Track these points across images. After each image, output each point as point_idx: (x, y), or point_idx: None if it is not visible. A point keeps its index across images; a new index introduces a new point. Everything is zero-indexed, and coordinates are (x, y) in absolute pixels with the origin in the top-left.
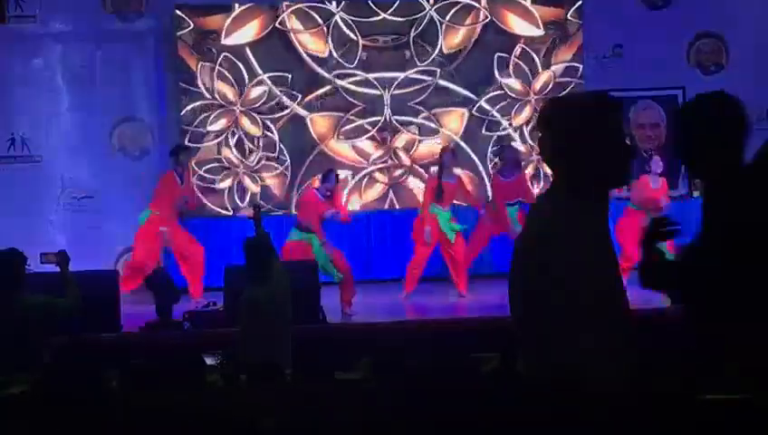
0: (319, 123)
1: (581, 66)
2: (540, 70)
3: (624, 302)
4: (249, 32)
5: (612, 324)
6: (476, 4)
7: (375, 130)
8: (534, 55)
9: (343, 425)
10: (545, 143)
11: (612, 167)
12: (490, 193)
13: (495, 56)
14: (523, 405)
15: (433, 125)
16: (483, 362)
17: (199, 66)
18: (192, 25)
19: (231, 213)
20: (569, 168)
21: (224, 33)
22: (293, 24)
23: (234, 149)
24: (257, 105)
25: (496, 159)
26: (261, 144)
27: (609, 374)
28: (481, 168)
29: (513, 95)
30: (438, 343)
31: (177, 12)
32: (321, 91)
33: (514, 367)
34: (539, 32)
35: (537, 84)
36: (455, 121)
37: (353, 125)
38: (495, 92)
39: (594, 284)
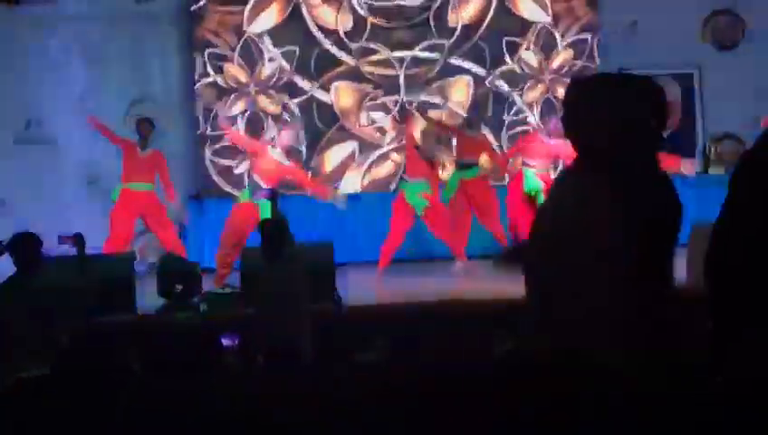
0: (344, 95)
1: (596, 43)
2: (557, 47)
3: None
4: (268, 16)
5: (632, 309)
6: None
7: (396, 109)
8: (554, 32)
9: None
10: (570, 122)
11: (637, 147)
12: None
13: (508, 38)
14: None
15: (438, 100)
16: (496, 342)
17: (215, 47)
18: (208, 6)
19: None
20: (592, 146)
21: (245, 19)
22: (310, 2)
23: (249, 130)
24: (271, 84)
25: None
26: (277, 125)
27: (624, 363)
28: (492, 139)
29: (529, 72)
30: (453, 325)
31: None
32: (337, 70)
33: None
34: (549, 17)
35: (554, 63)
36: (460, 92)
37: (378, 101)
38: (509, 68)
39: (616, 266)
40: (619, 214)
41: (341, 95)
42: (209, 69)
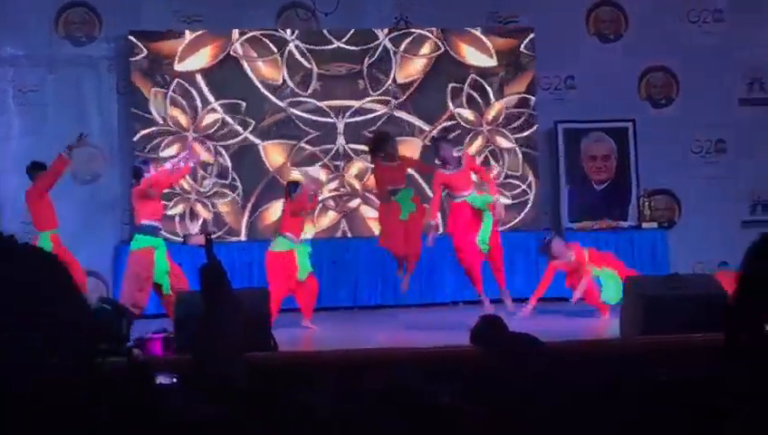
0: (271, 151)
1: (534, 97)
2: (492, 100)
3: None
4: (202, 59)
5: None
6: (430, 36)
7: (327, 158)
8: (487, 86)
9: None
10: None
11: None
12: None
13: (449, 87)
14: None
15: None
16: (433, 395)
17: (152, 92)
18: (145, 51)
19: (182, 240)
20: None
21: (176, 59)
22: (247, 51)
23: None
24: (210, 132)
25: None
26: (213, 171)
27: None
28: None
29: (466, 125)
30: (390, 373)
31: (131, 37)
32: (273, 118)
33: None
34: (492, 62)
35: (489, 115)
36: (408, 151)
37: (306, 153)
38: (448, 123)
39: None
40: None
41: (269, 152)
42: (149, 112)
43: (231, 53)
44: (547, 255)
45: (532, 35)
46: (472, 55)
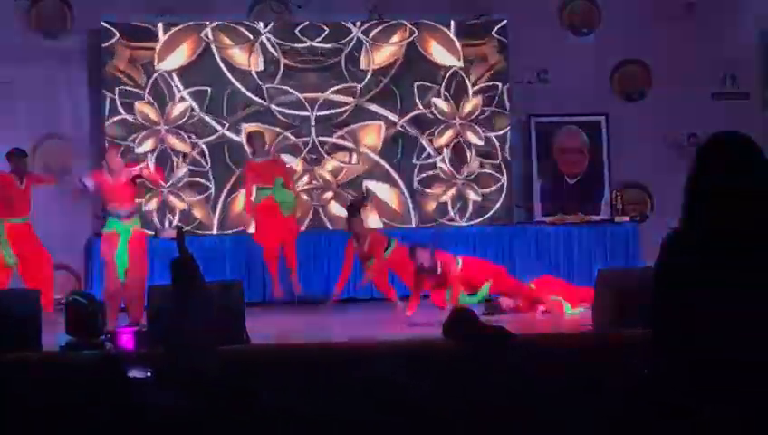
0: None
1: (507, 91)
2: (468, 93)
3: None
4: (178, 58)
5: None
6: (405, 23)
7: (306, 151)
8: (465, 78)
9: None
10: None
11: None
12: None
13: (418, 82)
14: None
15: (350, 144)
16: (408, 388)
17: (125, 84)
18: (118, 45)
19: (153, 233)
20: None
21: (155, 58)
22: (222, 42)
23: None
24: (182, 124)
25: None
26: (185, 163)
27: None
28: (402, 184)
29: (440, 117)
30: (366, 366)
31: (104, 24)
32: (247, 111)
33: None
34: (460, 63)
35: (465, 109)
36: (370, 136)
37: (288, 143)
38: (419, 113)
39: None
40: None
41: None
42: (119, 106)
43: (202, 36)
44: (497, 312)
45: (504, 22)
46: (440, 54)
